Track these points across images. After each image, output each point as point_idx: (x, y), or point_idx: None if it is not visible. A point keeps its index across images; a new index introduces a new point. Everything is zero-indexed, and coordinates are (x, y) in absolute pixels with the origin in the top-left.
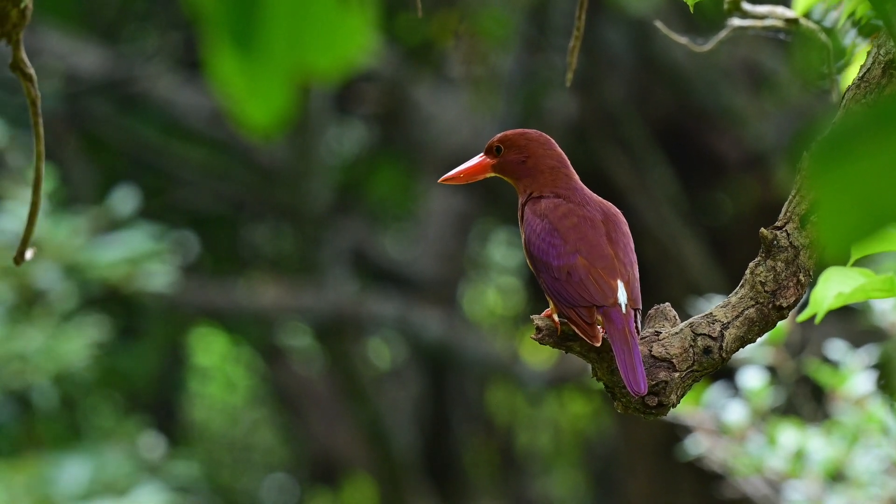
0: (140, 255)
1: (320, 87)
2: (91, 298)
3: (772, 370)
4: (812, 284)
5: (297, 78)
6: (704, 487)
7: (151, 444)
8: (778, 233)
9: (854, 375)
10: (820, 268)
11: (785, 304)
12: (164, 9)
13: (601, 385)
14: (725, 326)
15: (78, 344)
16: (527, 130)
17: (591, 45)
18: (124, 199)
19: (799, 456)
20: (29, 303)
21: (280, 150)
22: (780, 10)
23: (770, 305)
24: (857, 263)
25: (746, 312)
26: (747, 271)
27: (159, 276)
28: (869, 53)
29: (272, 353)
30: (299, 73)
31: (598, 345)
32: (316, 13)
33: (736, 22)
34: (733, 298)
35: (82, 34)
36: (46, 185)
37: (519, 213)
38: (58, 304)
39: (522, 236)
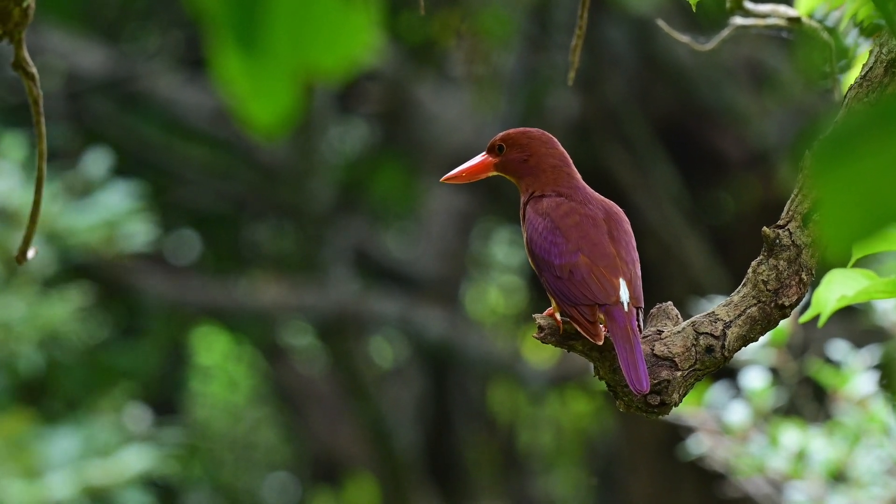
0: (118, 216)
1: (323, 86)
2: (93, 296)
3: (774, 371)
4: (814, 283)
5: (301, 77)
6: (706, 487)
7: (138, 414)
8: (780, 231)
9: (856, 376)
10: (822, 266)
11: (787, 303)
12: (165, 8)
13: (603, 384)
14: (728, 325)
15: (61, 311)
16: (529, 129)
17: (594, 43)
18: (98, 161)
19: (801, 456)
20: (10, 271)
21: (282, 149)
22: (783, 8)
23: (772, 304)
24: (859, 262)
25: (749, 311)
26: (749, 270)
27: (139, 237)
28: (871, 52)
29: (274, 352)
30: (304, 72)
31: (601, 343)
32: (320, 12)
33: (738, 21)
34: (735, 297)
35: (84, 33)
36: (19, 154)
37: (521, 212)
38: (39, 272)
39: (524, 235)
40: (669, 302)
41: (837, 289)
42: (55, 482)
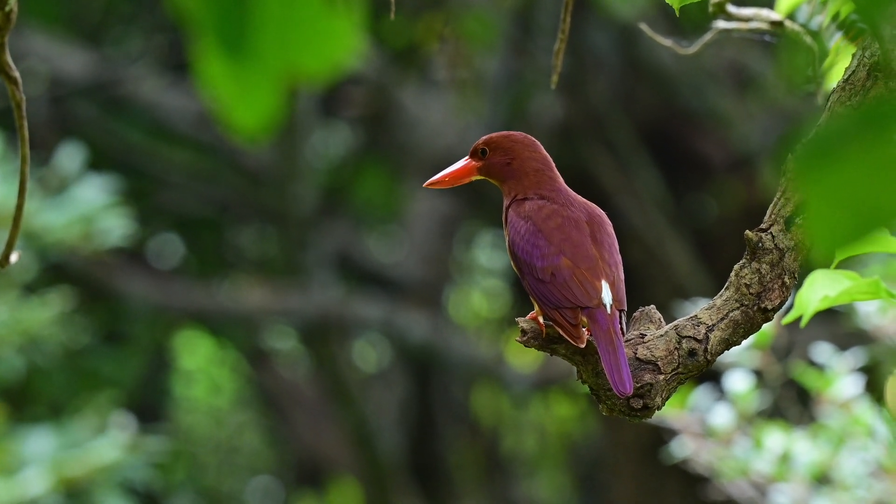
0: (94, 211)
1: (307, 90)
2: (75, 300)
3: (758, 373)
4: (797, 287)
5: (286, 81)
6: (690, 490)
7: (122, 421)
8: (763, 235)
9: (840, 378)
10: (805, 270)
11: (770, 307)
12: (149, 11)
13: (586, 387)
14: (710, 329)
15: (42, 315)
16: (512, 133)
17: (577, 47)
18: (72, 155)
19: (785, 459)
20: None
21: (266, 153)
22: (765, 12)
23: (755, 308)
24: (842, 264)
25: (731, 315)
26: (732, 273)
27: (116, 231)
28: (853, 56)
29: (257, 356)
30: (288, 76)
31: (583, 346)
32: (304, 16)
33: (721, 24)
34: (718, 301)
35: (68, 37)
36: None
37: (503, 215)
38: (19, 275)
39: (507, 238)
40: (652, 305)
41: (820, 290)
42: (30, 478)
